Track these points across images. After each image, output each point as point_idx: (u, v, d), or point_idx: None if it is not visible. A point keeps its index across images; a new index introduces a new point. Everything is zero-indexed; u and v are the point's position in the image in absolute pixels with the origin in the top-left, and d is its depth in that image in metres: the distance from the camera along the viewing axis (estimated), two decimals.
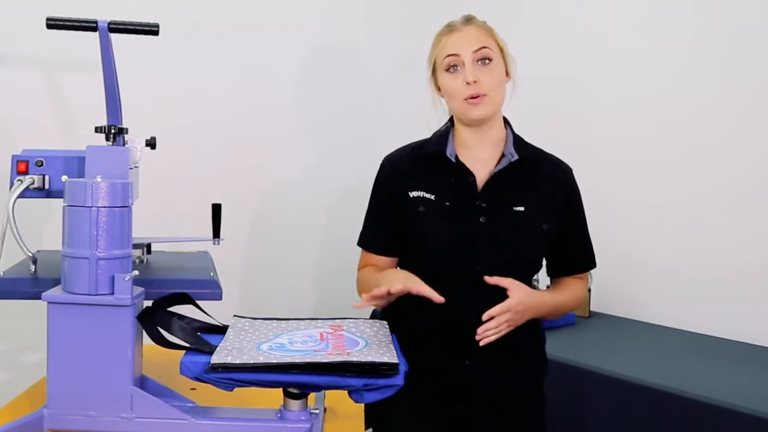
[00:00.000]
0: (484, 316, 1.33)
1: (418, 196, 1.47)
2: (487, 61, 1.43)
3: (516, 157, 1.46)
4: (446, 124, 1.55)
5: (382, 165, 1.56)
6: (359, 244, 1.57)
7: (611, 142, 2.40)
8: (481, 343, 1.33)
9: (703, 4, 2.17)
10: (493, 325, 1.33)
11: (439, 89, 1.51)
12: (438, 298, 1.30)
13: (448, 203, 1.45)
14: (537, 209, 1.46)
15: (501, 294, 1.36)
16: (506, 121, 1.53)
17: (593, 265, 1.57)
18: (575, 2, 2.51)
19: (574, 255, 1.55)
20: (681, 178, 2.23)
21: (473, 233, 1.43)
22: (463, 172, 1.47)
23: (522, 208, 1.44)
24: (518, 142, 1.50)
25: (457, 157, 1.47)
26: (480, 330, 1.33)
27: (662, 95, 2.27)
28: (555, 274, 1.56)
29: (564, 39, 2.53)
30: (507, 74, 1.49)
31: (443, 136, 1.52)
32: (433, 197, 1.46)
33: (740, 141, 2.10)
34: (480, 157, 1.48)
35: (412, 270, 1.45)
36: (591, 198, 1.62)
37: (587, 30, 2.47)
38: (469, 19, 1.47)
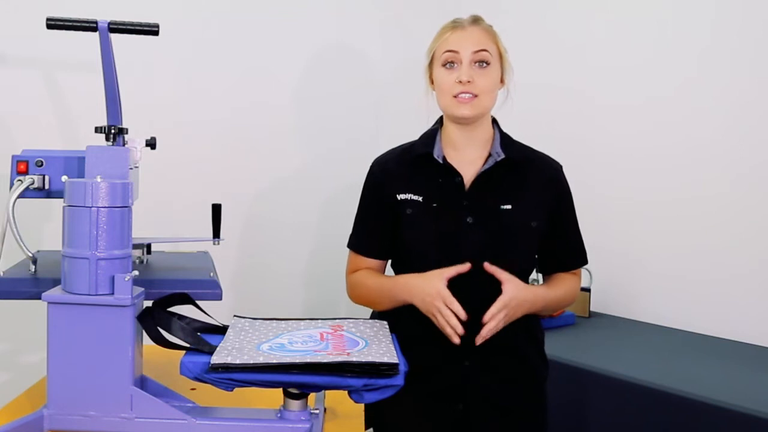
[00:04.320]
0: (484, 319, 1.35)
1: (406, 199, 1.47)
2: (484, 64, 1.43)
3: (502, 156, 1.47)
4: (434, 124, 1.55)
5: (371, 167, 1.56)
6: (349, 246, 1.57)
7: (611, 142, 2.40)
8: (478, 342, 1.36)
9: (703, 6, 2.17)
10: (492, 326, 1.35)
11: (432, 82, 1.50)
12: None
13: (435, 204, 1.46)
14: (525, 207, 1.46)
15: (493, 291, 1.36)
16: (494, 121, 1.53)
17: (585, 261, 1.57)
18: (576, 5, 2.51)
19: (566, 252, 1.55)
20: (681, 178, 2.23)
21: (461, 233, 1.43)
22: (450, 173, 1.47)
23: (509, 207, 1.45)
24: (506, 141, 1.50)
25: (444, 158, 1.48)
26: (483, 332, 1.35)
27: (662, 95, 2.27)
28: (547, 271, 1.57)
29: (564, 41, 2.53)
30: (502, 81, 1.49)
31: (431, 137, 1.52)
32: (420, 199, 1.47)
33: (740, 141, 2.10)
34: (467, 157, 1.49)
35: (403, 272, 1.44)
36: (591, 197, 1.63)
37: (587, 32, 2.47)
38: (476, 20, 1.47)
